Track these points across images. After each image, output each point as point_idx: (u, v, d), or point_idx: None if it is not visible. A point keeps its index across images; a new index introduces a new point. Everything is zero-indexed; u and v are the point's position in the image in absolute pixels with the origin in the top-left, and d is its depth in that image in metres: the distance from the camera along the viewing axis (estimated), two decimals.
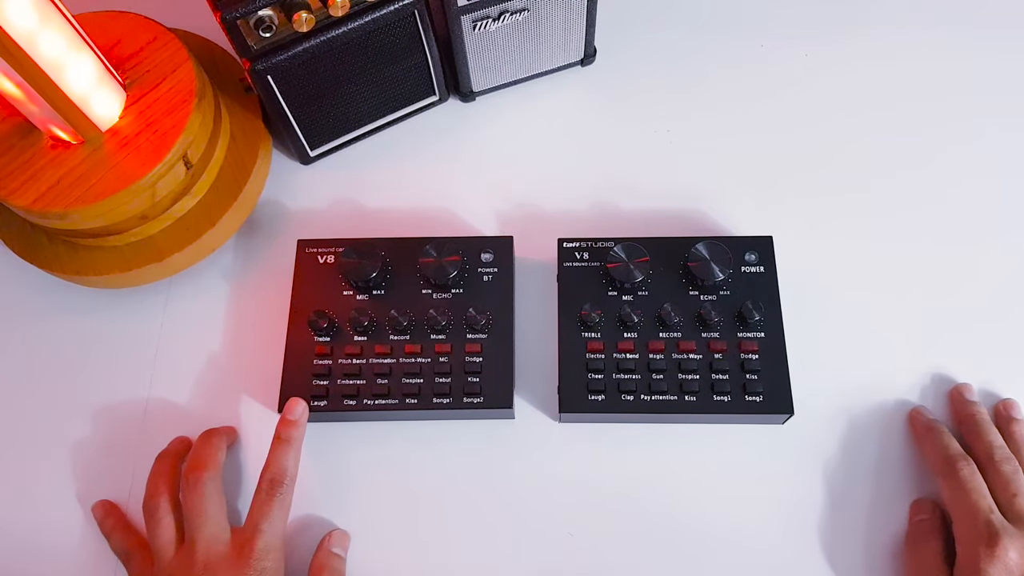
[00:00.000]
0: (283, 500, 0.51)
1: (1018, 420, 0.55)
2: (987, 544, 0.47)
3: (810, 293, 0.59)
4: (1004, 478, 0.51)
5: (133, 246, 0.58)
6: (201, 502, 0.50)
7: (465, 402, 0.54)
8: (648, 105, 0.67)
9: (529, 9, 0.60)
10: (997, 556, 0.47)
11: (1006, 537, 0.47)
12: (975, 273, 0.60)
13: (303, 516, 0.55)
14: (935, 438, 0.53)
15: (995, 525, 0.48)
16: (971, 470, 0.51)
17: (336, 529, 0.54)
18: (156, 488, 0.52)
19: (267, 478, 0.51)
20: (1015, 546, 0.47)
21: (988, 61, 0.68)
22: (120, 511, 0.54)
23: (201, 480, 0.51)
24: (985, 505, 0.49)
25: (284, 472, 0.51)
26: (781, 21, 0.70)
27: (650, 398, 0.54)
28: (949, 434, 0.53)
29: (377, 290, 0.57)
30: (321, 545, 0.53)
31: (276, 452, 0.52)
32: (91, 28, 0.56)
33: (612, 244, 0.57)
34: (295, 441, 0.53)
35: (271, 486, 0.51)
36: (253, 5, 0.51)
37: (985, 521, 0.48)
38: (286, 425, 0.53)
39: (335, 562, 0.52)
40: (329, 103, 0.61)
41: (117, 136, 0.55)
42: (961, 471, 0.51)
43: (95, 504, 0.54)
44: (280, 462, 0.52)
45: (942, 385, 0.57)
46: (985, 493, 0.50)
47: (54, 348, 0.60)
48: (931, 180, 0.64)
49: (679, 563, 0.53)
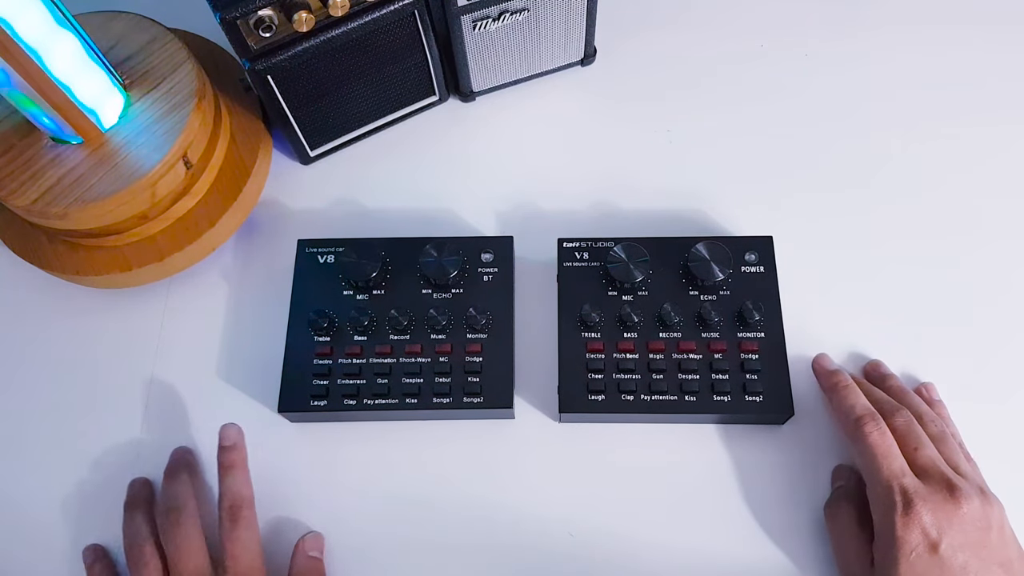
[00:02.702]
0: (249, 522, 0.52)
1: (890, 375, 0.56)
2: (901, 511, 0.46)
3: (810, 293, 0.59)
4: (900, 433, 0.50)
5: (133, 246, 0.58)
6: (184, 540, 0.51)
7: (465, 402, 0.54)
8: (648, 105, 0.67)
9: (529, 9, 0.60)
10: (912, 521, 0.46)
11: (919, 500, 0.46)
12: (978, 272, 0.60)
13: (303, 516, 0.55)
14: (840, 399, 0.52)
15: (907, 489, 0.47)
16: (880, 431, 0.49)
17: (309, 532, 0.54)
18: (135, 538, 0.52)
19: (225, 507, 0.52)
20: (927, 507, 0.46)
21: (990, 59, 0.68)
22: (108, 557, 0.54)
23: (180, 520, 0.51)
24: (896, 468, 0.48)
25: (239, 496, 0.52)
26: (781, 21, 0.70)
27: (650, 398, 0.54)
28: (854, 388, 0.53)
29: (377, 290, 0.57)
30: (298, 550, 0.53)
31: (225, 480, 0.53)
32: (91, 28, 0.56)
33: (612, 244, 0.57)
34: (238, 464, 0.54)
35: (232, 514, 0.51)
36: (253, 5, 0.51)
37: (898, 487, 0.47)
38: (225, 452, 0.54)
39: (315, 565, 0.53)
40: (329, 103, 0.61)
41: (117, 136, 0.55)
42: (869, 435, 0.49)
43: (85, 549, 0.54)
44: (232, 489, 0.53)
45: (943, 384, 0.57)
46: (895, 454, 0.48)
47: (54, 348, 0.60)
48: (932, 180, 0.64)
49: (679, 563, 0.53)
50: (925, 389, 0.56)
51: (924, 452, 0.49)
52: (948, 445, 0.50)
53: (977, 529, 0.46)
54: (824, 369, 0.55)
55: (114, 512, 0.54)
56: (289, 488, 0.56)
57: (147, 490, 0.55)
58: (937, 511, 0.46)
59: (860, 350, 0.58)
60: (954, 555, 0.45)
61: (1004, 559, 0.46)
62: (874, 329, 0.59)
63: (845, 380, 0.54)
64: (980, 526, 0.46)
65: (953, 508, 0.46)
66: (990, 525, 0.47)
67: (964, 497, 0.46)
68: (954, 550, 0.45)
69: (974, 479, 0.49)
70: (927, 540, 0.46)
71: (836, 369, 0.55)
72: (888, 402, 0.52)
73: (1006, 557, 0.47)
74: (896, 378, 0.56)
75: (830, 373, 0.55)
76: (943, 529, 0.46)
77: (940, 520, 0.46)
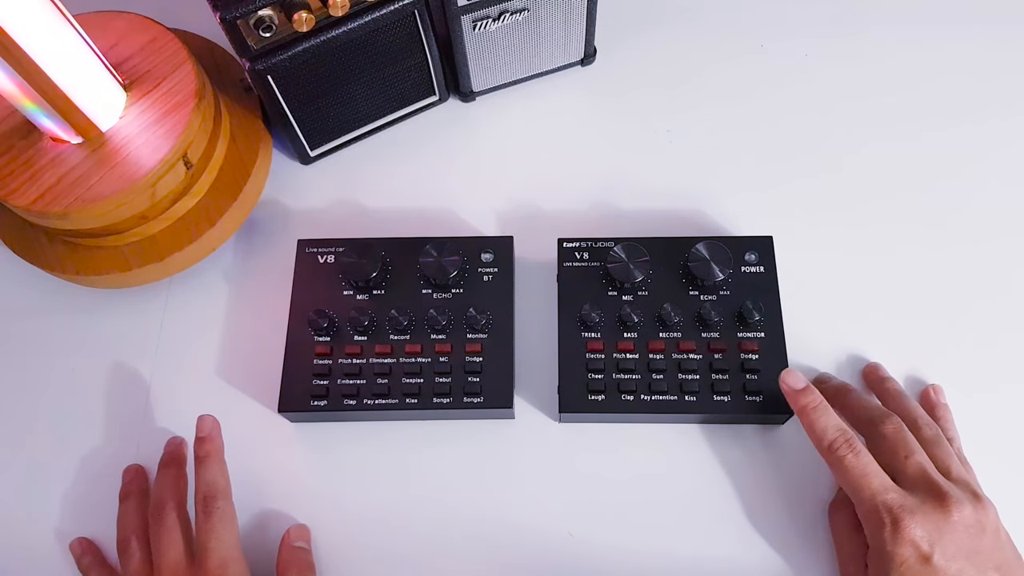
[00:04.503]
0: (223, 513, 0.51)
1: (888, 378, 0.55)
2: (890, 528, 0.46)
3: (810, 293, 0.59)
4: (890, 441, 0.49)
5: (133, 246, 0.58)
6: (165, 533, 0.51)
7: (465, 402, 0.54)
8: (648, 105, 0.67)
9: (529, 9, 0.60)
10: (902, 537, 0.45)
11: (906, 515, 0.45)
12: (979, 271, 0.60)
13: (303, 516, 0.55)
14: (810, 423, 0.50)
15: (892, 506, 0.46)
16: (854, 452, 0.48)
17: (294, 524, 0.54)
18: (126, 529, 0.53)
19: (200, 499, 0.52)
20: (916, 520, 0.45)
21: (990, 58, 0.68)
22: (97, 548, 0.55)
23: (162, 513, 0.52)
24: (876, 486, 0.47)
25: (213, 487, 0.52)
26: (781, 21, 0.70)
27: (650, 398, 0.54)
28: (824, 409, 0.50)
29: (377, 290, 0.57)
30: (283, 542, 0.53)
31: (199, 471, 0.53)
32: (91, 28, 0.56)
33: (612, 244, 0.57)
34: (213, 454, 0.54)
35: (206, 504, 0.51)
36: (253, 5, 0.51)
37: (882, 505, 0.46)
38: (199, 443, 0.54)
39: (301, 555, 0.53)
40: (329, 103, 0.61)
41: (117, 136, 0.55)
42: (843, 459, 0.48)
43: (72, 542, 0.55)
44: (206, 479, 0.52)
45: (943, 384, 0.57)
46: (874, 472, 0.47)
47: (54, 348, 0.60)
48: (932, 180, 0.64)
49: (679, 562, 0.53)
50: (933, 391, 0.56)
51: (914, 459, 0.48)
52: (942, 449, 0.50)
53: (970, 535, 0.46)
54: (791, 389, 0.51)
55: (114, 512, 0.54)
56: (289, 488, 0.56)
57: (140, 480, 0.56)
58: (927, 522, 0.45)
59: (860, 350, 0.58)
60: (948, 564, 0.45)
61: (1000, 562, 0.46)
62: (874, 329, 0.59)
63: (814, 401, 0.51)
64: (973, 532, 0.46)
65: (943, 517, 0.46)
66: (984, 529, 0.46)
67: (955, 504, 0.46)
68: (948, 559, 0.45)
69: (966, 483, 0.48)
70: (918, 553, 0.45)
71: (804, 388, 0.51)
72: (876, 408, 0.52)
73: (1002, 559, 0.46)
74: (894, 381, 0.56)
75: (797, 394, 0.51)
76: (934, 540, 0.45)
77: (931, 531, 0.45)
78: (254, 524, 0.55)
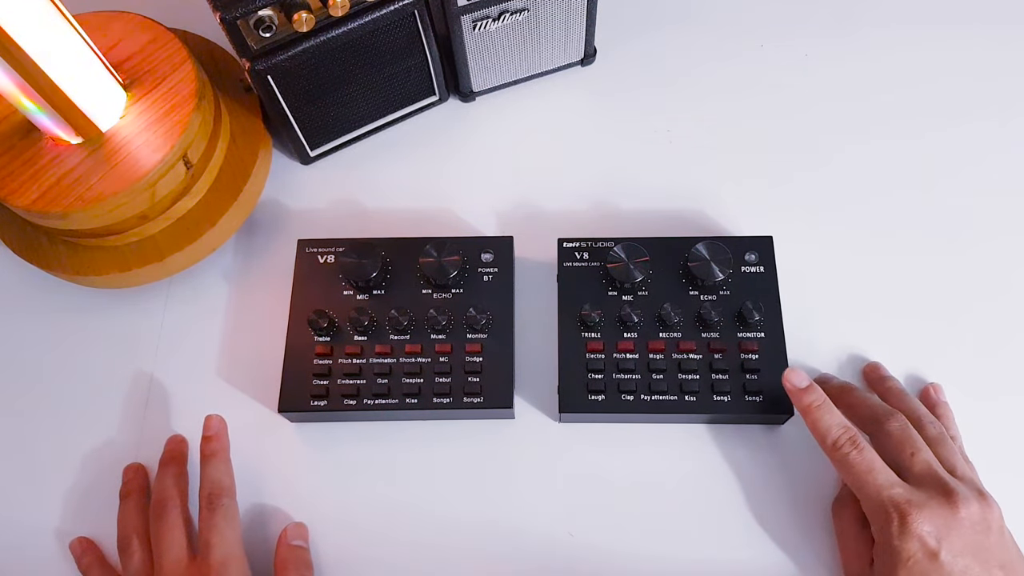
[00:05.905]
0: (227, 511, 0.52)
1: (889, 377, 0.55)
2: (897, 523, 0.46)
3: (810, 293, 0.59)
4: (895, 438, 0.49)
5: (133, 246, 0.58)
6: (166, 531, 0.51)
7: (465, 402, 0.54)
8: (648, 105, 0.67)
9: (529, 9, 0.60)
10: (909, 532, 0.45)
11: (913, 510, 0.46)
12: (980, 271, 0.60)
13: (303, 516, 0.55)
14: (813, 421, 0.50)
15: (899, 501, 0.46)
16: (858, 449, 0.48)
17: (291, 522, 0.54)
18: (127, 528, 0.53)
19: (204, 496, 0.52)
20: (924, 516, 0.45)
21: (990, 58, 0.68)
22: (97, 548, 0.55)
23: (163, 511, 0.52)
24: (882, 482, 0.47)
25: (218, 485, 0.53)
26: (781, 21, 0.70)
27: (650, 398, 0.54)
28: (827, 408, 0.50)
29: (377, 290, 0.57)
30: (281, 541, 0.53)
31: (205, 469, 0.54)
32: (91, 28, 0.56)
33: (612, 244, 0.57)
34: (219, 453, 0.54)
35: (209, 501, 0.52)
36: (253, 5, 0.51)
37: (888, 501, 0.46)
38: (206, 441, 0.55)
39: (299, 553, 0.53)
40: (329, 103, 0.61)
41: (117, 136, 0.55)
42: (847, 456, 0.48)
43: (72, 542, 0.55)
44: (211, 477, 0.53)
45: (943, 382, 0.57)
46: (880, 468, 0.48)
47: (54, 348, 0.60)
48: (932, 179, 0.64)
49: (679, 562, 0.53)
50: (933, 390, 0.56)
51: (920, 456, 0.48)
52: (946, 447, 0.50)
53: (976, 533, 0.46)
54: (795, 388, 0.52)
55: (114, 511, 0.54)
56: (289, 488, 0.56)
57: (140, 479, 0.56)
58: (934, 518, 0.46)
59: (860, 350, 0.58)
60: (954, 560, 0.45)
61: (1005, 560, 0.46)
62: (874, 329, 0.59)
63: (818, 399, 0.51)
64: (979, 529, 0.46)
65: (951, 513, 0.46)
66: (989, 528, 0.46)
67: (962, 501, 0.46)
68: (954, 556, 0.45)
69: (972, 481, 0.48)
70: (925, 549, 0.45)
71: (807, 386, 0.51)
72: (881, 407, 0.52)
73: (1007, 558, 0.46)
74: (895, 380, 0.56)
75: (801, 392, 0.51)
76: (942, 536, 0.45)
77: (938, 527, 0.45)
78: (254, 522, 0.55)
